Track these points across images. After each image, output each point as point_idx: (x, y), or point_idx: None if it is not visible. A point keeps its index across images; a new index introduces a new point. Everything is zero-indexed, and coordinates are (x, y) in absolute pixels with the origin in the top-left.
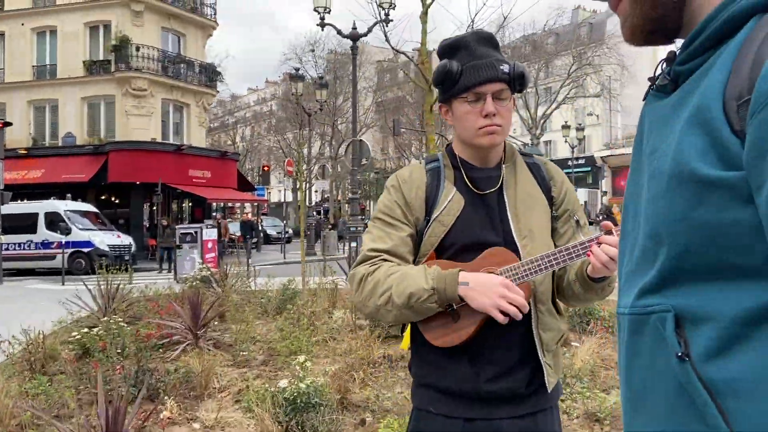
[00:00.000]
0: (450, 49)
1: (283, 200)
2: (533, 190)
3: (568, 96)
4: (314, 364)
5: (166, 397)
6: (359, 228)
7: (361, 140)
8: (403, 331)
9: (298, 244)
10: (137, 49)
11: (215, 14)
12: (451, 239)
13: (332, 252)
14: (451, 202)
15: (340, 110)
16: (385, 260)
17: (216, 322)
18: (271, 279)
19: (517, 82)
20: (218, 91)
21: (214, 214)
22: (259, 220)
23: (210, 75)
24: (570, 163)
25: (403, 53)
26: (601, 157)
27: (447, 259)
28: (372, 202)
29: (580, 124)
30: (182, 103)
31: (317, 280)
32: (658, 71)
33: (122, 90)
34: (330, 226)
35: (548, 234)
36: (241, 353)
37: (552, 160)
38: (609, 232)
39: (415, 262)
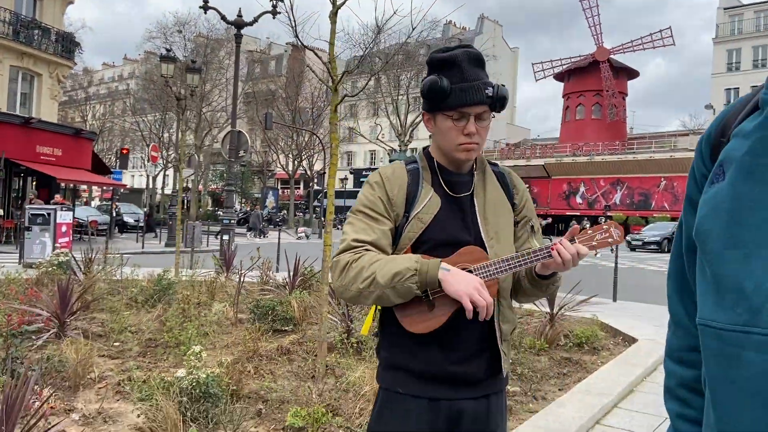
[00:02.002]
0: (442, 64)
1: (144, 186)
2: (500, 196)
3: None
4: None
5: (36, 387)
6: (231, 220)
7: (240, 131)
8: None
9: (156, 233)
10: None
11: None
12: (427, 235)
13: (197, 244)
14: (429, 201)
15: (206, 98)
16: (368, 250)
17: (83, 311)
18: (138, 269)
19: (498, 104)
20: (75, 63)
21: (29, 194)
22: (114, 206)
23: (67, 45)
24: None
25: (311, 50)
26: None
27: (423, 254)
28: (236, 197)
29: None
30: (34, 72)
31: (189, 272)
32: None
33: None
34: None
35: (512, 237)
36: (114, 344)
37: None
38: (572, 239)
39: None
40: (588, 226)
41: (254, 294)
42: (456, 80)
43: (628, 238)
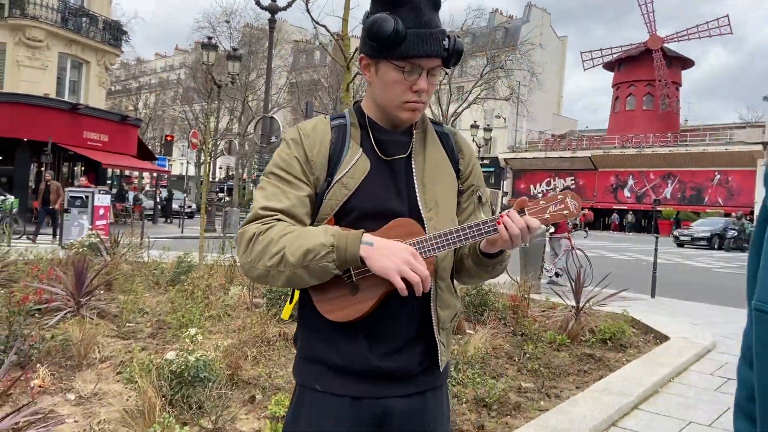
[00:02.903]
0: (395, 0)
1: (185, 173)
2: (442, 160)
3: (479, 96)
4: (206, 338)
5: (38, 365)
6: None
7: (272, 117)
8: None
9: (198, 219)
10: None
11: None
12: (352, 204)
13: (233, 230)
14: (356, 164)
15: (252, 86)
16: (280, 220)
17: (101, 291)
18: (166, 252)
19: (453, 58)
20: (122, 51)
21: (45, 172)
22: (158, 192)
23: (115, 33)
24: None
25: (323, 26)
26: (505, 159)
27: (347, 226)
28: None
29: (488, 125)
30: (82, 59)
31: (215, 257)
32: None
33: (15, 38)
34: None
35: (454, 207)
36: (127, 324)
37: None
38: (521, 210)
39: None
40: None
41: None
42: (410, 24)
43: (675, 233)
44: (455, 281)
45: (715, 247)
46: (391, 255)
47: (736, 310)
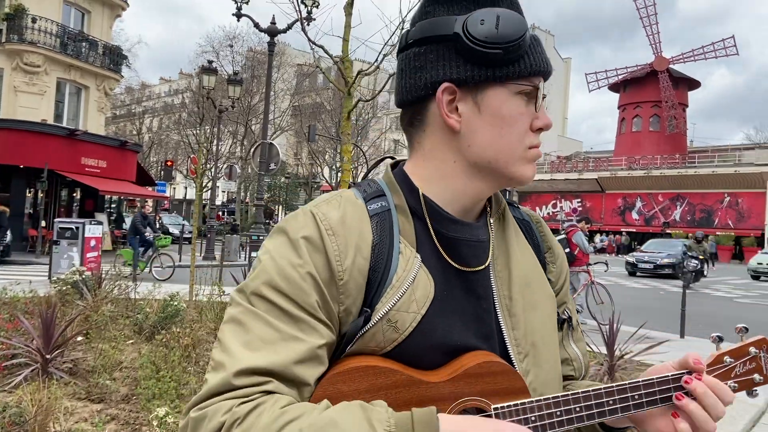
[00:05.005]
0: None
1: (186, 198)
2: (534, 270)
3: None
4: (185, 407)
5: None
6: (261, 237)
7: (271, 143)
8: None
9: (199, 244)
10: (33, 20)
11: None
12: (402, 350)
13: (233, 258)
14: (413, 285)
15: (254, 110)
16: (270, 392)
17: (78, 339)
18: (157, 287)
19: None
20: (122, 76)
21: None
22: (158, 218)
23: (115, 58)
24: None
25: (320, 47)
26: None
27: (387, 358)
28: (281, 208)
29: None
30: (81, 84)
31: (208, 292)
32: None
33: (12, 63)
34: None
35: (557, 350)
36: (99, 384)
37: None
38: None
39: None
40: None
41: None
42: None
43: (628, 258)
44: None
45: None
46: None
47: None
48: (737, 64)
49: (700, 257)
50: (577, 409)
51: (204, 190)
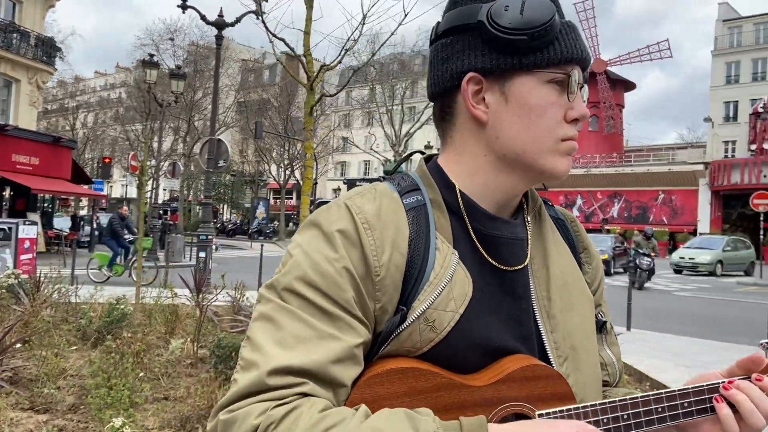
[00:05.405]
0: None
1: (125, 196)
2: (571, 270)
3: (431, 117)
4: (141, 415)
5: None
6: (209, 236)
7: (219, 139)
8: None
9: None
10: None
11: None
12: (439, 351)
13: (177, 258)
14: (451, 283)
15: (198, 106)
16: (307, 395)
17: (19, 345)
18: (99, 290)
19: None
20: (56, 69)
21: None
22: (95, 218)
23: (48, 50)
24: None
25: (281, 39)
26: None
27: (423, 359)
28: (226, 206)
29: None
30: (11, 77)
31: (155, 295)
32: None
33: None
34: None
35: (597, 354)
36: (43, 394)
37: None
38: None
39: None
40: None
41: (225, 324)
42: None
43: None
44: None
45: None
46: None
47: (722, 344)
48: (671, 66)
49: (651, 255)
50: (625, 416)
51: (146, 188)
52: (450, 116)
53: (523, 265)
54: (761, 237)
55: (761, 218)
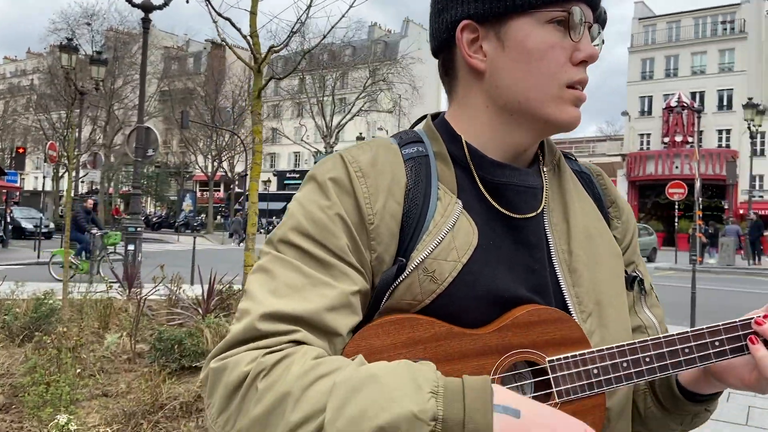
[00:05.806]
0: None
1: (41, 188)
2: (596, 222)
3: (363, 108)
4: (83, 412)
5: None
6: (138, 228)
7: (148, 127)
8: None
9: (57, 240)
10: None
11: None
12: (442, 303)
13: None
14: (453, 231)
15: (118, 94)
16: (300, 342)
17: None
18: (21, 286)
19: (602, 26)
20: None
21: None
22: (9, 211)
23: None
24: None
25: (227, 19)
26: None
27: (426, 315)
28: (149, 199)
29: (372, 137)
30: None
31: (83, 290)
32: None
33: None
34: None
35: (626, 311)
36: None
37: None
38: None
39: (359, 325)
40: None
41: (161, 318)
42: None
43: None
44: None
45: None
46: None
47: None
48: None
49: None
50: (647, 359)
51: (62, 179)
52: (451, 70)
53: (535, 213)
54: (675, 224)
55: (676, 207)
